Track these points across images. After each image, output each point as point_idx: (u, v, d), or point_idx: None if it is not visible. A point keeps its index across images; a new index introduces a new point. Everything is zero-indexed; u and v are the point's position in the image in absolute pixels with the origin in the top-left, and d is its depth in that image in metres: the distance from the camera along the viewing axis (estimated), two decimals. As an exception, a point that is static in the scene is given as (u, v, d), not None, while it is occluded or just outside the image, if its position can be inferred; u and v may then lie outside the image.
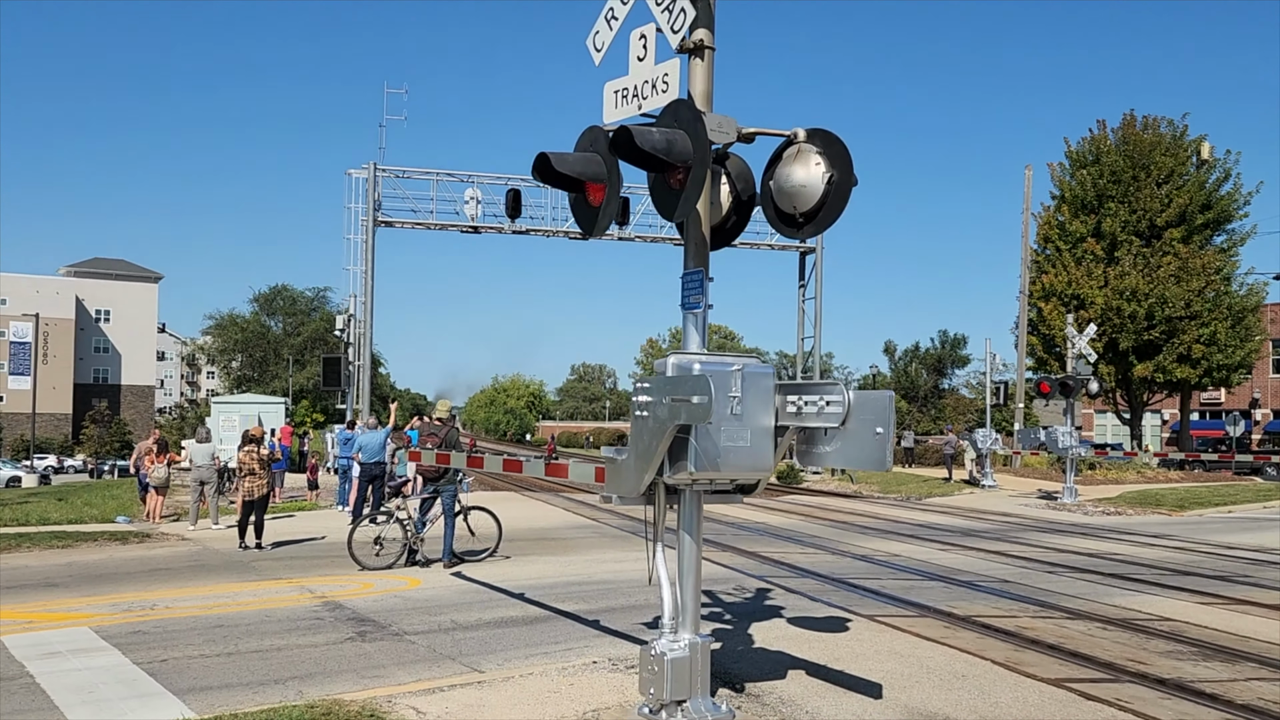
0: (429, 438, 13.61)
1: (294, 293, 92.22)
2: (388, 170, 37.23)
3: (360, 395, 36.47)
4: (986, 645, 8.83)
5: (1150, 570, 14.19)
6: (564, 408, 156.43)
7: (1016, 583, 12.76)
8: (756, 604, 10.82)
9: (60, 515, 20.06)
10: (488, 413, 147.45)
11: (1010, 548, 16.67)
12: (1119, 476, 36.27)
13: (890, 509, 25.65)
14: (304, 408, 72.75)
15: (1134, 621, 10.25)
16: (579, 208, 6.65)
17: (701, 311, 6.43)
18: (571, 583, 12.38)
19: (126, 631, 9.27)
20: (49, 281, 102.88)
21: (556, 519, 21.35)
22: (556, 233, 37.95)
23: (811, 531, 18.84)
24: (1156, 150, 42.88)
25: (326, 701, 6.67)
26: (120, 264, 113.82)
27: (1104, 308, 41.18)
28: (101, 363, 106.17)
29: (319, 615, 10.15)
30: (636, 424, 6.02)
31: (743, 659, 8.17)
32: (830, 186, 6.21)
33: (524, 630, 9.54)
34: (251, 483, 15.30)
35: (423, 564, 13.58)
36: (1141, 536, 18.99)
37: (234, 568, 13.53)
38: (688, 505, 6.37)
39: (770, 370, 6.16)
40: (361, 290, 37.24)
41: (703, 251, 6.46)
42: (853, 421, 5.81)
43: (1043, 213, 46.07)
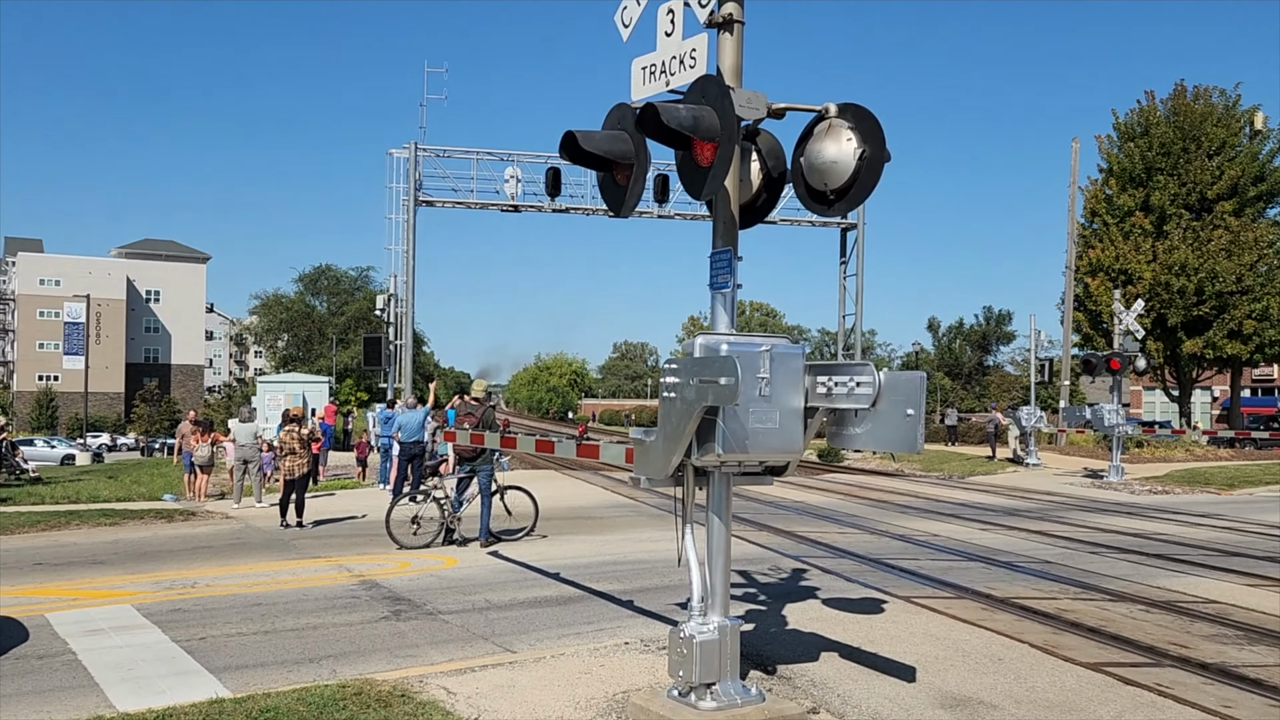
0: (466, 417, 13.66)
1: (338, 273, 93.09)
2: (428, 150, 37.33)
3: (402, 374, 36.73)
4: (1024, 628, 8.70)
5: (1197, 551, 13.92)
6: (606, 385, 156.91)
7: (1058, 564, 12.58)
8: (791, 585, 10.76)
9: (109, 493, 20.46)
10: (530, 390, 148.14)
11: (1053, 527, 16.44)
12: (1167, 455, 35.66)
13: (932, 488, 25.42)
14: (348, 386, 73.44)
15: (1178, 604, 10.06)
16: (607, 187, 6.59)
17: (730, 291, 6.34)
18: (606, 562, 12.39)
19: (167, 609, 9.41)
20: (101, 263, 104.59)
21: (595, 498, 21.40)
22: (596, 211, 37.89)
23: (850, 511, 18.72)
24: (1208, 121, 41.91)
25: (358, 681, 6.72)
26: (169, 245, 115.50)
27: (1152, 283, 40.42)
28: (152, 342, 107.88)
29: (355, 594, 10.25)
30: (665, 405, 5.97)
31: (775, 641, 8.12)
32: (862, 162, 6.09)
33: (557, 610, 9.56)
34: (292, 462, 15.46)
35: (460, 543, 13.66)
36: (1188, 516, 18.64)
37: (274, 546, 13.70)
38: (716, 487, 6.32)
39: (800, 350, 6.07)
40: (403, 270, 37.43)
41: (731, 230, 6.37)
42: (883, 403, 5.72)
43: (1090, 186, 45.25)
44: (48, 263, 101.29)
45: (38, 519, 15.85)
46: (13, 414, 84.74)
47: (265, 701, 6.17)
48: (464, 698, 6.50)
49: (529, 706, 6.36)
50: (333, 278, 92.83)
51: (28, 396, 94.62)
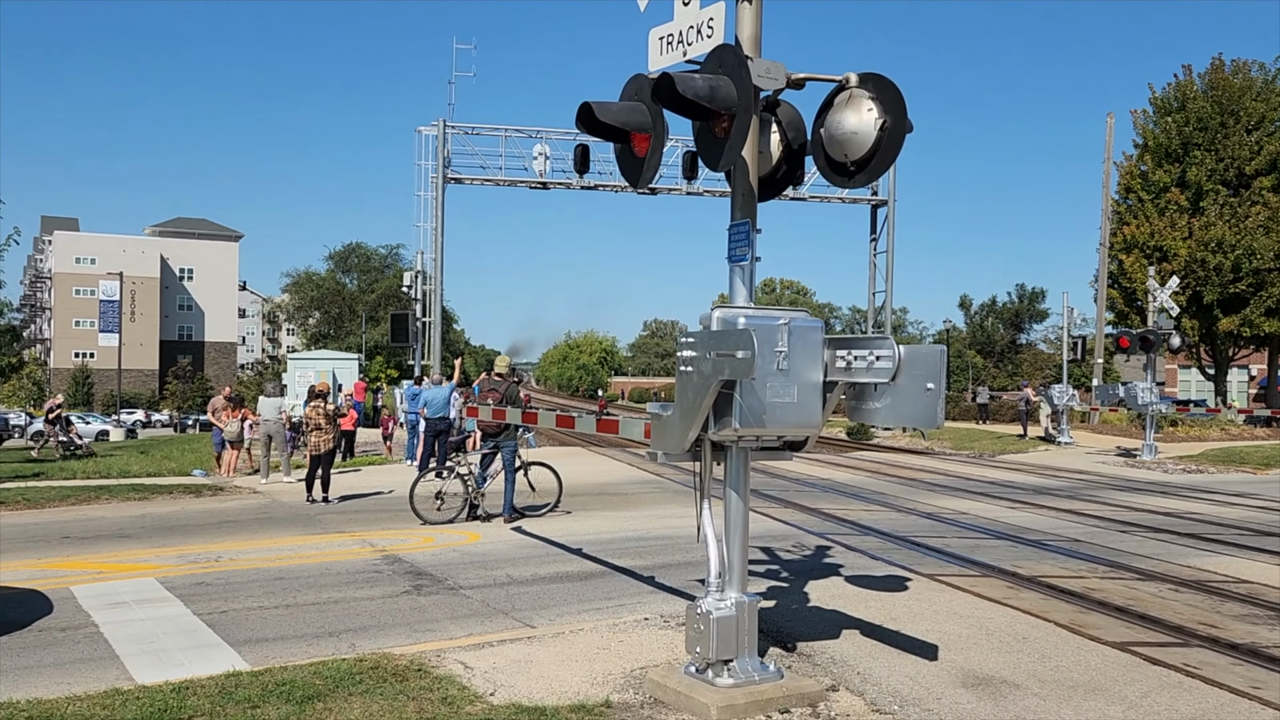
0: (489, 393, 13.64)
1: (368, 250, 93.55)
2: (457, 127, 37.28)
3: (431, 351, 36.86)
4: (1051, 607, 8.58)
5: (1230, 530, 13.71)
6: (636, 363, 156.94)
7: (1087, 542, 12.42)
8: (814, 562, 10.68)
9: (140, 468, 20.66)
10: (560, 369, 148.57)
11: (1083, 506, 16.25)
12: (1201, 434, 35.18)
13: (961, 466, 25.22)
14: (378, 364, 73.90)
15: (1208, 583, 9.90)
16: (624, 159, 6.49)
17: (748, 264, 6.24)
18: (629, 538, 12.36)
19: (190, 583, 9.47)
20: (135, 241, 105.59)
21: (620, 474, 21.38)
22: (625, 188, 37.72)
23: (877, 488, 18.59)
24: (1246, 96, 41.09)
25: (376, 655, 6.72)
26: (202, 223, 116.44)
27: (1188, 260, 39.78)
28: (186, 320, 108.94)
29: (377, 568, 10.27)
30: (681, 379, 5.90)
31: (796, 618, 8.05)
32: (883, 133, 5.96)
33: (578, 586, 9.53)
34: (318, 437, 15.52)
35: (483, 519, 13.68)
36: (1222, 495, 18.37)
37: (299, 521, 13.77)
38: (734, 462, 6.24)
39: (819, 325, 5.96)
40: (431, 247, 37.50)
41: (749, 202, 6.26)
42: (903, 377, 5.61)
43: (1125, 162, 44.52)
44: (83, 241, 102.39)
45: (68, 493, 16.02)
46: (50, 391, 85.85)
47: (282, 675, 6.18)
48: (481, 672, 6.49)
49: (546, 682, 6.34)
50: (363, 255, 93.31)
51: (64, 374, 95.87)
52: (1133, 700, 6.14)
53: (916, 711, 5.90)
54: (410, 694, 5.92)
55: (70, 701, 5.69)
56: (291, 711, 5.55)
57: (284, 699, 5.74)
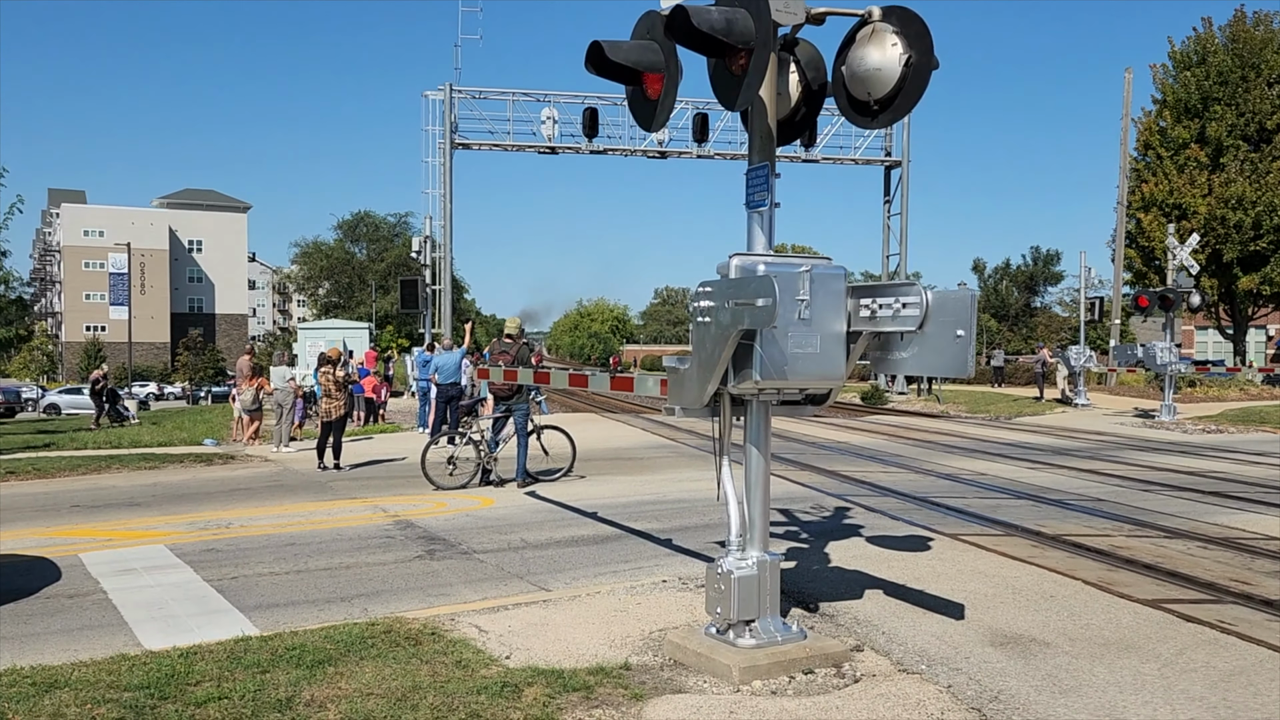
0: (500, 356, 13.43)
1: (376, 219, 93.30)
2: (464, 91, 36.95)
3: (441, 318, 36.71)
4: (1077, 565, 8.37)
5: (1255, 488, 13.46)
6: (648, 331, 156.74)
7: (1110, 501, 12.19)
8: (834, 523, 10.48)
9: (151, 439, 20.57)
10: (572, 337, 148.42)
11: (1104, 466, 16.01)
12: (1220, 394, 34.82)
13: (978, 428, 24.97)
14: (389, 333, 73.83)
15: (1237, 540, 9.67)
16: (636, 101, 6.23)
17: (767, 210, 5.99)
18: (645, 502, 12.18)
19: (200, 549, 9.33)
20: (143, 213, 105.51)
21: (634, 439, 21.21)
22: (634, 152, 37.37)
23: (895, 450, 18.37)
24: (1268, 48, 40.31)
25: (388, 619, 6.56)
26: (210, 194, 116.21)
27: (1207, 217, 39.21)
28: (196, 292, 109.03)
29: (390, 534, 10.12)
30: (698, 331, 5.67)
31: (817, 578, 7.85)
32: (908, 69, 5.68)
33: (594, 549, 9.36)
34: (328, 404, 15.36)
35: (497, 484, 13.52)
36: (1244, 454, 18.10)
37: (311, 488, 13.64)
38: (754, 416, 6.02)
39: (841, 271, 5.72)
40: (440, 213, 37.28)
41: (768, 145, 6.00)
42: (931, 324, 5.36)
43: (1143, 118, 43.82)
44: (91, 214, 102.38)
45: (78, 463, 15.93)
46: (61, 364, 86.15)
47: (292, 640, 6.02)
48: (496, 635, 6.32)
49: (562, 644, 6.16)
50: (371, 224, 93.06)
51: (76, 347, 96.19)
52: (1167, 658, 5.93)
53: (944, 671, 5.70)
54: (424, 658, 5.75)
55: (75, 667, 5.53)
56: (302, 676, 5.39)
57: (294, 663, 5.57)
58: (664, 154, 37.71)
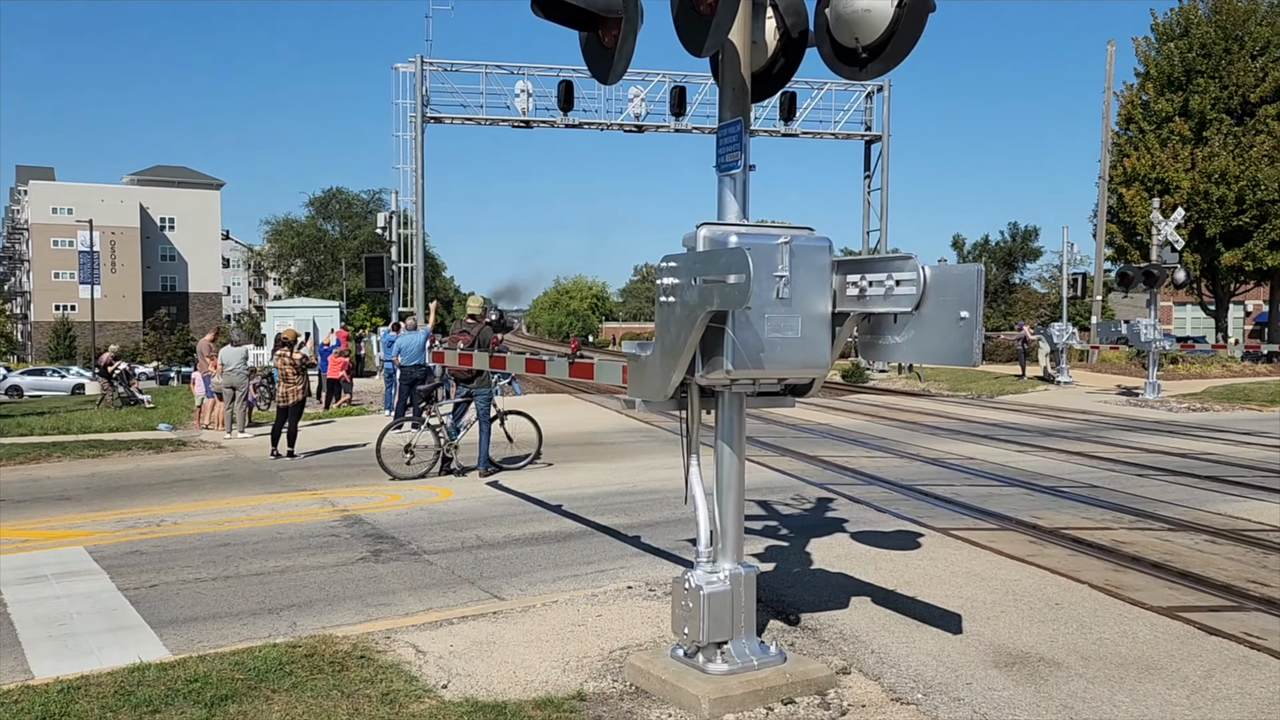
0: (460, 336, 12.62)
1: (349, 196, 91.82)
2: (435, 64, 35.86)
3: (414, 297, 35.77)
4: (1080, 565, 7.69)
5: (1251, 472, 12.87)
6: (627, 308, 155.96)
7: (1105, 488, 11.55)
8: (816, 516, 9.77)
9: (103, 424, 19.67)
10: (551, 315, 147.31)
11: (1093, 448, 15.39)
12: (1203, 371, 34.47)
13: (961, 408, 24.37)
14: (363, 311, 72.73)
15: (1245, 533, 9.04)
16: (590, 49, 5.43)
17: (740, 173, 5.23)
18: (614, 493, 11.44)
19: (123, 551, 8.51)
20: (113, 190, 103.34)
21: (607, 422, 20.47)
22: (611, 125, 36.39)
23: (877, 433, 17.70)
24: (1251, 20, 39.71)
25: (314, 639, 5.80)
26: (182, 171, 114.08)
27: (1190, 192, 38.66)
28: (169, 270, 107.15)
29: (335, 531, 9.33)
30: (662, 312, 4.91)
31: (798, 583, 7.14)
32: (902, 9, 4.91)
33: (555, 548, 8.61)
34: (285, 388, 14.52)
35: (457, 473, 12.74)
36: (1233, 434, 17.56)
37: (260, 478, 12.81)
38: (726, 410, 5.28)
39: (825, 243, 4.96)
40: (411, 189, 36.27)
41: (741, 98, 5.23)
42: (929, 305, 4.61)
43: (1125, 91, 43.18)
44: (60, 191, 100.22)
45: (17, 451, 15.04)
46: (31, 344, 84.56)
47: (196, 668, 5.25)
48: (435, 658, 5.58)
49: (509, 669, 5.43)
50: (344, 201, 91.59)
51: (45, 326, 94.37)
52: (1196, 682, 5.25)
53: (944, 701, 5.00)
54: (346, 689, 5.00)
55: (-63, 707, 4.76)
56: (198, 716, 4.63)
57: (192, 700, 4.81)
58: (640, 128, 36.76)
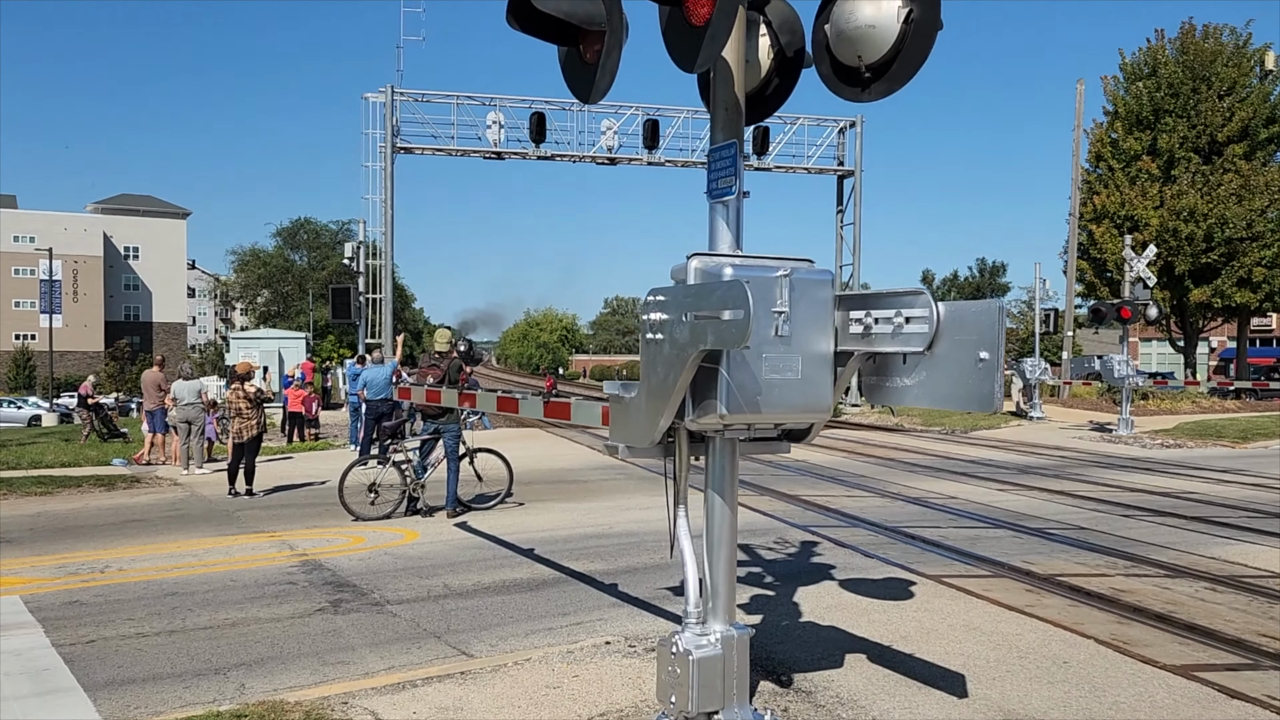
0: (428, 370, 12.14)
1: (317, 226, 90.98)
2: (406, 94, 35.47)
3: (383, 329, 35.17)
4: (1082, 616, 7.30)
5: (1236, 513, 12.60)
6: (597, 341, 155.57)
7: (1093, 530, 11.22)
8: (801, 562, 9.34)
9: (55, 458, 18.93)
10: (521, 347, 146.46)
11: (1074, 486, 15.10)
12: (1173, 407, 34.48)
13: (936, 444, 24.07)
14: (330, 343, 71.82)
15: (1244, 579, 8.71)
16: (571, 66, 5.03)
17: (734, 199, 4.84)
18: (589, 535, 10.95)
19: (61, 601, 7.93)
20: (77, 219, 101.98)
21: (580, 459, 19.96)
22: (584, 158, 36.08)
23: (856, 470, 17.33)
24: (1218, 61, 40.11)
25: (261, 706, 5.28)
26: (148, 200, 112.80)
27: (1159, 229, 38.84)
28: (133, 300, 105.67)
29: (292, 578, 8.78)
30: (648, 351, 4.48)
31: (788, 638, 6.69)
32: (908, 26, 4.55)
33: (528, 597, 8.11)
34: (240, 424, 13.94)
35: (424, 513, 12.20)
36: (1210, 472, 17.37)
37: (215, 518, 12.21)
38: (717, 457, 4.85)
39: (828, 277, 4.57)
40: (381, 220, 35.75)
41: (735, 120, 4.85)
42: (944, 344, 4.22)
43: (1095, 129, 43.47)
44: (22, 219, 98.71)
45: (-39, 489, 14.35)
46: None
47: (129, 742, 4.73)
48: (396, 727, 5.08)
49: (478, 740, 4.94)
50: (312, 231, 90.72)
51: (4, 356, 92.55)
52: (1225, 753, 4.85)
53: (956, 777, 4.57)
54: (296, 767, 4.50)
55: None
56: (127, 803, 4.11)
57: (122, 782, 4.30)
58: (613, 160, 36.49)
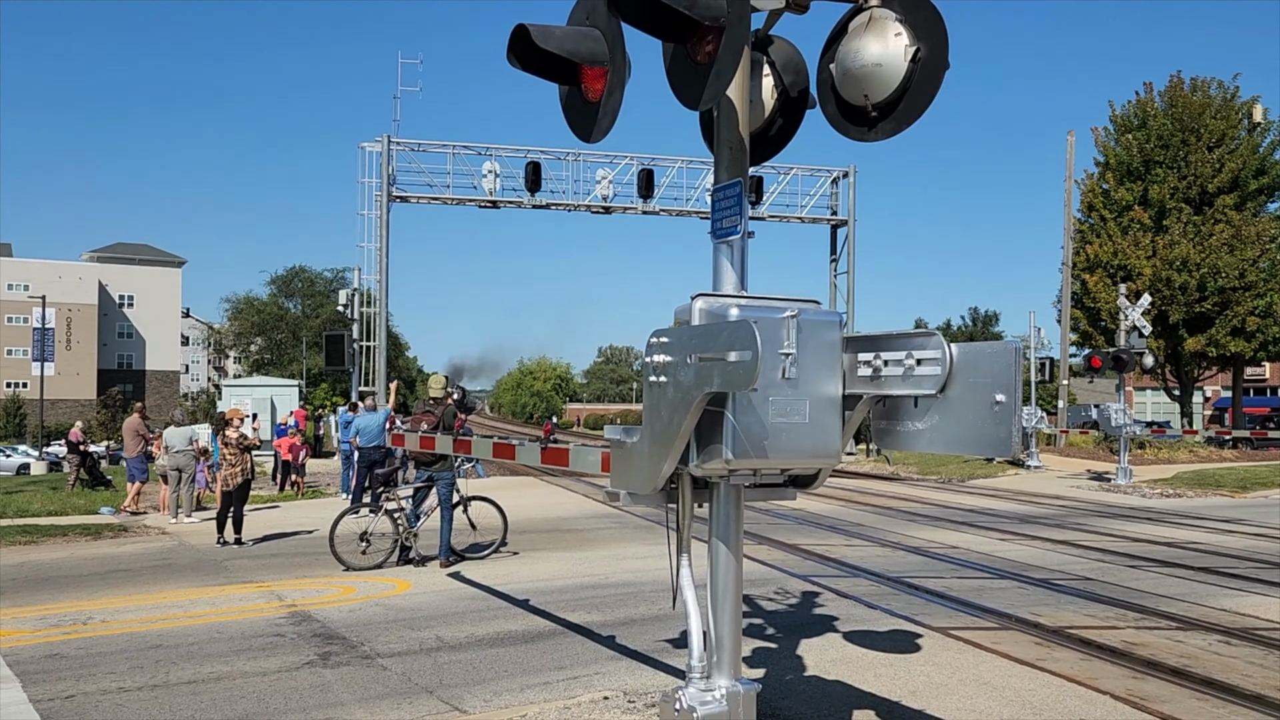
0: (423, 417, 11.97)
1: (312, 274, 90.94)
2: (402, 143, 35.64)
3: (376, 377, 35.00)
4: (1095, 671, 7.09)
5: (1242, 563, 12.42)
6: (591, 389, 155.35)
7: (1099, 580, 11.02)
8: (803, 613, 9.12)
9: (42, 507, 18.65)
10: (514, 395, 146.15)
11: (1076, 536, 14.91)
12: (1170, 456, 34.36)
13: (933, 492, 23.87)
14: (323, 390, 71.52)
15: (1257, 632, 8.52)
16: (572, 104, 4.94)
17: (739, 239, 4.72)
18: (585, 585, 10.72)
19: (42, 655, 7.68)
20: (72, 267, 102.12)
21: (574, 507, 19.72)
22: (578, 207, 36.18)
23: (853, 519, 17.11)
24: (1206, 113, 40.51)
25: (246, 766, 5.06)
26: (144, 249, 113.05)
27: (1153, 278, 38.96)
28: (125, 348, 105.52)
29: (280, 631, 8.53)
30: (652, 394, 4.34)
31: (793, 694, 6.48)
32: (915, 65, 4.47)
33: (523, 650, 7.88)
34: (229, 471, 13.72)
35: (417, 562, 11.96)
36: (1212, 521, 17.20)
37: (203, 568, 11.95)
38: (722, 504, 4.69)
39: (836, 318, 4.44)
40: (375, 268, 35.74)
41: (739, 159, 4.74)
42: (957, 386, 4.08)
43: (1086, 180, 43.77)
44: (16, 267, 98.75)
45: (-56, 538, 14.07)
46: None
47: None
48: (386, 788, 4.86)
49: (472, 802, 4.72)
50: (306, 279, 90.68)
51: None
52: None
53: (974, 841, 4.35)
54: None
55: None
56: None
57: None
58: (608, 209, 36.58)
